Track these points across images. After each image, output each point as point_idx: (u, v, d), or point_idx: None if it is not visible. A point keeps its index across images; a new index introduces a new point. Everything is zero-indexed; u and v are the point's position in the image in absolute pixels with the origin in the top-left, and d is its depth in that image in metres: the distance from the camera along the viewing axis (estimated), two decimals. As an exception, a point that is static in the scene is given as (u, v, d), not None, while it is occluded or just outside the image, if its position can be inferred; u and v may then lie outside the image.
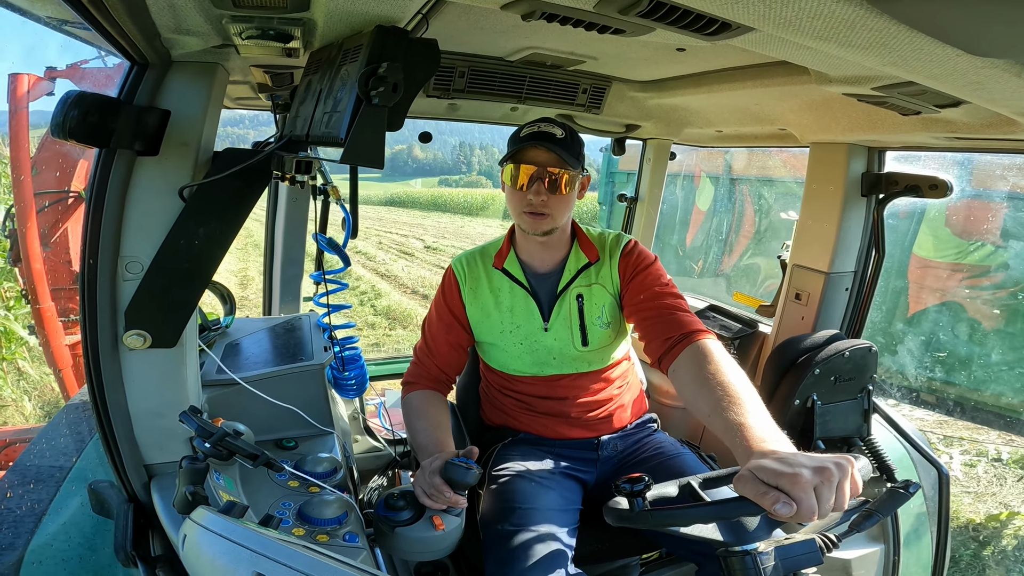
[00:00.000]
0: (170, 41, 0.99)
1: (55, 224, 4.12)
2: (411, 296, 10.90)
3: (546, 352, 1.61)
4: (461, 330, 1.66)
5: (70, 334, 4.18)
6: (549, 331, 1.60)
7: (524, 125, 1.52)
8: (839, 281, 2.03)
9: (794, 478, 0.86)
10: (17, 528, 1.23)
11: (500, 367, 1.68)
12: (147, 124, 1.03)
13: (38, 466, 1.42)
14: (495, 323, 1.63)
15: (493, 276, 1.65)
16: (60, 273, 4.21)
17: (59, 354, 4.10)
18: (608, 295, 1.61)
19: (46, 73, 3.96)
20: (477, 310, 1.64)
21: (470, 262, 1.69)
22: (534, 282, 1.64)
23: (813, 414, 1.77)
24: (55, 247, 4.17)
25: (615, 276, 1.61)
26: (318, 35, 1.00)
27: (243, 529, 0.73)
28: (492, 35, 1.41)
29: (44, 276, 3.89)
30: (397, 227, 22.49)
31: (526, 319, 1.61)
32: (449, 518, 1.21)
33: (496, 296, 1.63)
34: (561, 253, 1.63)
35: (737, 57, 1.45)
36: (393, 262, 14.26)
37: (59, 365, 4.12)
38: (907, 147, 1.86)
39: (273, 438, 1.49)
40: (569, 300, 1.60)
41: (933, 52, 0.78)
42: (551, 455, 1.62)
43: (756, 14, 0.73)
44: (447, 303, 1.67)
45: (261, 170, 1.11)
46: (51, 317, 4.00)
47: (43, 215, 4.01)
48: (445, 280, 1.70)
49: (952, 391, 5.11)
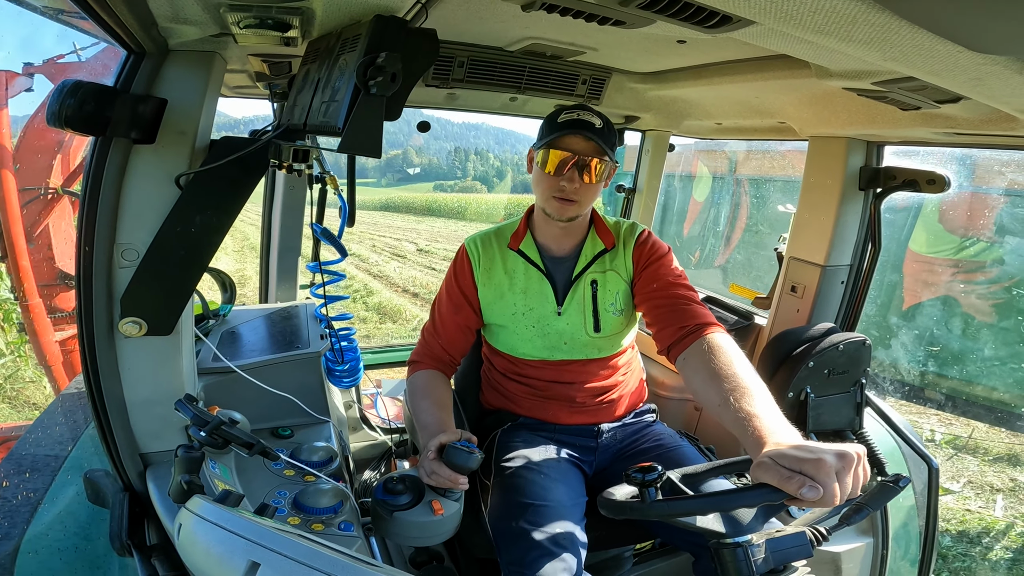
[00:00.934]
0: (167, 30, 0.98)
1: (36, 221, 4.11)
2: (402, 294, 11.01)
3: (557, 336, 1.61)
4: (470, 311, 1.65)
5: (59, 330, 4.17)
6: (562, 315, 1.60)
7: (562, 110, 1.50)
8: (835, 274, 2.04)
9: (818, 463, 0.88)
10: (13, 518, 1.23)
11: (508, 350, 1.68)
12: (143, 113, 1.02)
13: (33, 455, 1.42)
14: (508, 304, 1.62)
15: (508, 257, 1.64)
16: (43, 270, 4.19)
17: (48, 350, 4.09)
18: (622, 282, 1.61)
19: (24, 69, 3.93)
20: (490, 291, 1.64)
21: (485, 242, 1.67)
22: (550, 265, 1.64)
23: (807, 407, 1.78)
24: (38, 244, 4.15)
25: (629, 264, 1.61)
26: (316, 24, 0.99)
27: (238, 518, 0.73)
28: (492, 24, 1.40)
29: (31, 273, 3.88)
30: (391, 231, 22.43)
31: (540, 302, 1.61)
32: (448, 503, 1.21)
33: (511, 277, 1.63)
34: (578, 238, 1.64)
35: (737, 50, 1.45)
36: (386, 263, 14.31)
37: (49, 362, 4.12)
38: (906, 142, 1.86)
39: (269, 427, 1.49)
40: (584, 285, 1.61)
41: (934, 48, 0.78)
42: (552, 441, 1.62)
43: (757, 8, 0.73)
44: (458, 283, 1.66)
45: (258, 159, 1.10)
46: (40, 314, 3.99)
47: (25, 213, 3.98)
48: (457, 259, 1.69)
49: (944, 384, 5.16)
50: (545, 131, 1.52)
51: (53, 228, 4.20)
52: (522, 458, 1.53)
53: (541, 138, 1.52)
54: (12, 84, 3.89)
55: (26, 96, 4.01)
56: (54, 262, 4.23)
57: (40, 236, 4.15)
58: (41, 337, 4.03)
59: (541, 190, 1.54)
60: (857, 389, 1.87)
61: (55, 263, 4.23)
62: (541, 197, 1.55)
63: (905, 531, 1.88)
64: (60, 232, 4.25)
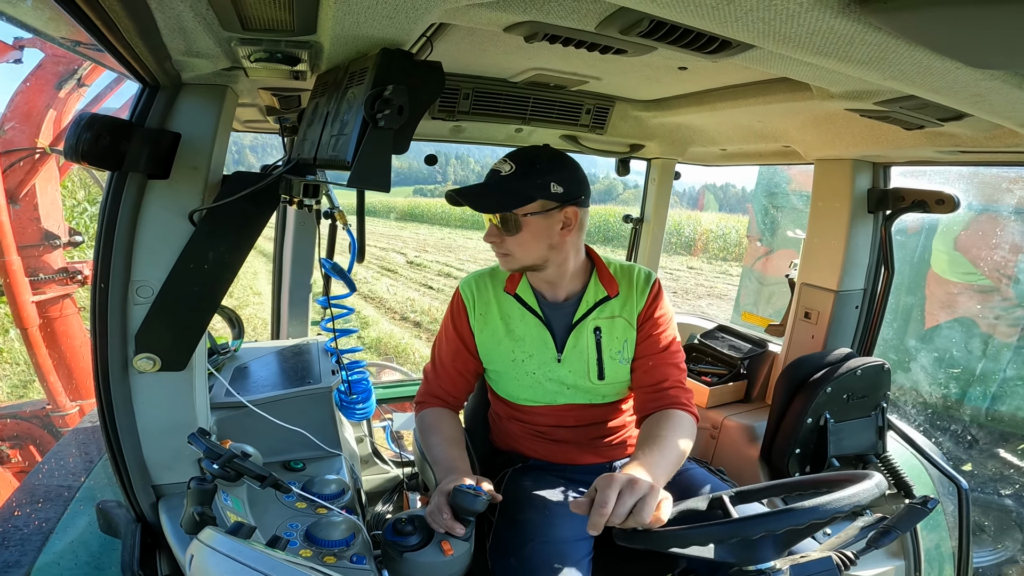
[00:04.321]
0: (181, 63, 1.02)
1: (22, 181, 4.12)
2: (401, 323, 10.55)
3: (559, 383, 1.56)
4: (469, 357, 1.61)
5: (38, 293, 4.12)
6: (563, 363, 1.54)
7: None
8: (848, 299, 2.02)
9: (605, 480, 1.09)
10: (24, 546, 1.22)
11: (508, 396, 1.63)
12: (158, 147, 1.05)
13: (47, 485, 1.42)
14: (505, 351, 1.56)
15: (504, 301, 1.58)
16: (29, 231, 4.18)
17: (24, 312, 4.02)
18: (632, 330, 1.55)
19: (14, 42, 4.06)
20: (487, 337, 1.58)
21: (479, 285, 1.61)
22: (548, 311, 1.56)
23: (826, 432, 1.75)
24: (23, 204, 4.17)
25: (636, 309, 1.56)
26: (325, 58, 1.02)
27: (250, 550, 0.72)
28: (496, 56, 1.44)
29: (9, 229, 3.83)
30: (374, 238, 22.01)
31: (538, 348, 1.55)
32: (458, 543, 1.19)
33: (507, 323, 1.57)
34: (577, 284, 1.56)
35: (739, 74, 1.46)
36: (376, 280, 13.97)
37: (25, 324, 4.05)
38: (912, 162, 1.86)
39: (281, 460, 1.49)
40: (586, 333, 1.54)
41: (932, 65, 0.79)
42: (564, 479, 1.58)
43: (755, 31, 0.74)
44: (455, 327, 1.61)
45: (269, 194, 1.12)
46: (16, 271, 3.92)
47: (11, 173, 4.03)
48: (453, 304, 1.64)
49: (967, 410, 5.01)
50: None
51: (40, 189, 4.21)
52: (528, 497, 1.49)
53: None
54: (5, 55, 4.02)
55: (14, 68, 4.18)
56: (39, 222, 4.22)
57: (26, 197, 4.17)
58: (17, 297, 3.97)
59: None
60: (878, 413, 1.83)
61: (40, 223, 4.23)
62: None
63: (938, 552, 1.84)
64: (47, 194, 4.27)
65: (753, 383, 2.27)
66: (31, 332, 4.09)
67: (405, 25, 0.85)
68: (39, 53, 4.14)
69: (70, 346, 4.43)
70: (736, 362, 2.25)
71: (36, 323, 4.11)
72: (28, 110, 4.07)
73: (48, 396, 4.23)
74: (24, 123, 4.06)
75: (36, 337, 4.12)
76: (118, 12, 0.74)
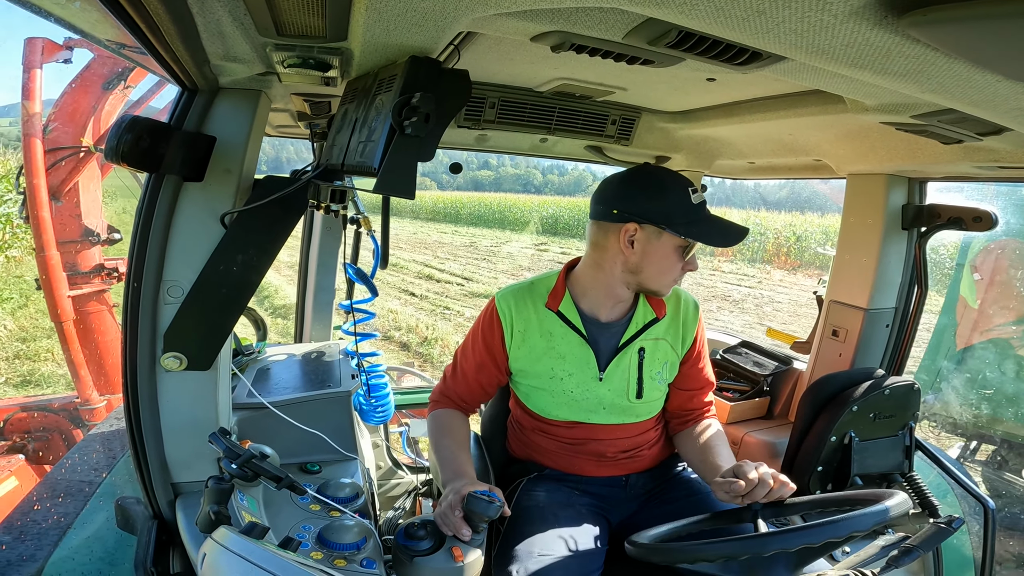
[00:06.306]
0: (218, 67, 1.04)
1: (65, 179, 4.22)
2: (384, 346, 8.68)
3: (596, 401, 1.54)
4: (494, 371, 1.58)
5: (75, 288, 4.20)
6: (604, 381, 1.53)
7: (685, 182, 1.43)
8: (879, 317, 1.97)
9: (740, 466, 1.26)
10: (40, 540, 1.25)
11: (539, 411, 1.60)
12: (194, 150, 1.08)
13: (68, 480, 1.45)
14: (544, 368, 1.53)
15: (545, 318, 1.54)
16: (69, 227, 4.28)
17: (61, 305, 4.09)
18: (673, 354, 1.58)
19: (65, 42, 4.16)
20: (524, 353, 1.54)
21: (518, 300, 1.55)
22: (593, 330, 1.54)
23: (850, 451, 1.70)
24: (66, 201, 4.26)
25: (688, 341, 1.60)
26: (355, 64, 1.03)
27: (261, 550, 0.72)
28: (522, 66, 1.44)
29: (51, 225, 3.95)
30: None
31: (579, 367, 1.52)
32: (469, 550, 1.19)
33: (548, 340, 1.53)
34: (627, 305, 1.56)
35: (769, 86, 1.44)
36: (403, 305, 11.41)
37: (61, 318, 4.12)
38: (949, 177, 1.81)
39: (298, 461, 1.50)
40: (631, 353, 1.54)
41: (973, 78, 0.77)
42: (577, 491, 1.58)
43: (787, 43, 0.73)
44: (485, 341, 1.57)
45: (298, 198, 1.14)
46: (55, 266, 4.00)
47: (56, 171, 4.13)
48: (486, 316, 1.59)
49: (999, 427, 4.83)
50: (684, 215, 1.40)
51: (82, 187, 4.31)
52: (538, 507, 1.49)
53: (680, 221, 1.40)
54: (55, 55, 4.12)
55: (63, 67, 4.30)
56: (80, 219, 4.32)
57: (69, 193, 4.27)
58: (55, 291, 4.04)
59: (661, 271, 1.45)
60: (906, 433, 1.77)
61: (81, 220, 4.32)
62: (661, 276, 1.46)
63: (961, 573, 1.78)
64: (89, 192, 4.36)
65: (776, 400, 2.22)
66: (66, 326, 4.17)
67: (433, 33, 0.86)
68: (88, 54, 4.27)
69: (103, 341, 4.52)
70: (760, 379, 2.21)
71: (71, 317, 4.19)
72: (74, 109, 4.19)
73: (78, 389, 4.33)
74: (69, 122, 4.18)
75: (71, 331, 4.20)
76: (161, 16, 0.76)
